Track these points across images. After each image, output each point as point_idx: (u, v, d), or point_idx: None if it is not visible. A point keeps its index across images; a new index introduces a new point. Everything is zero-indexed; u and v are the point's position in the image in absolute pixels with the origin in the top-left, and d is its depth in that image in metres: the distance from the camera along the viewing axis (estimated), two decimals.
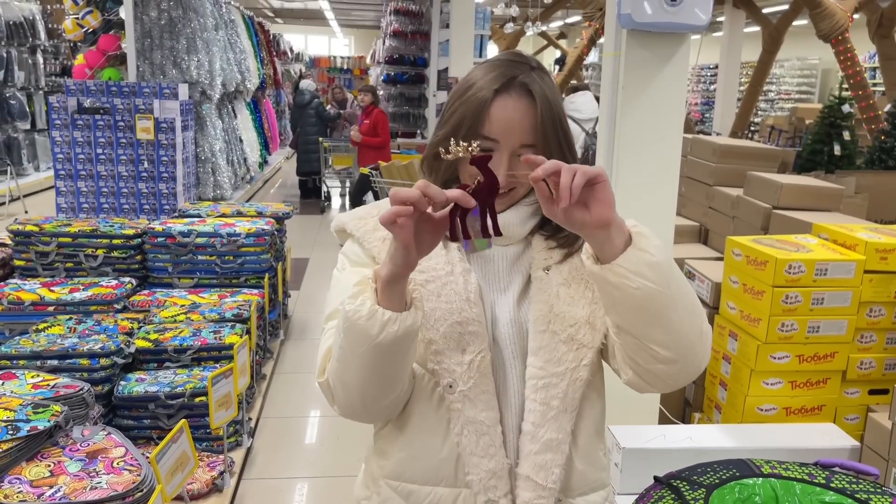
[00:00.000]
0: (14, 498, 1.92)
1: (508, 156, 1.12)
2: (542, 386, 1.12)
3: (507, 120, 1.11)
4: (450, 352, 1.11)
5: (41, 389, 2.43)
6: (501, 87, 1.11)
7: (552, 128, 1.12)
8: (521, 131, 1.11)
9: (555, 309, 1.14)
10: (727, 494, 2.02)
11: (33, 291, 3.65)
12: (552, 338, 1.13)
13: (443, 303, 1.12)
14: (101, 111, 6.32)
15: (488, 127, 1.11)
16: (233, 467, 2.92)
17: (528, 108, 1.11)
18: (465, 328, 1.11)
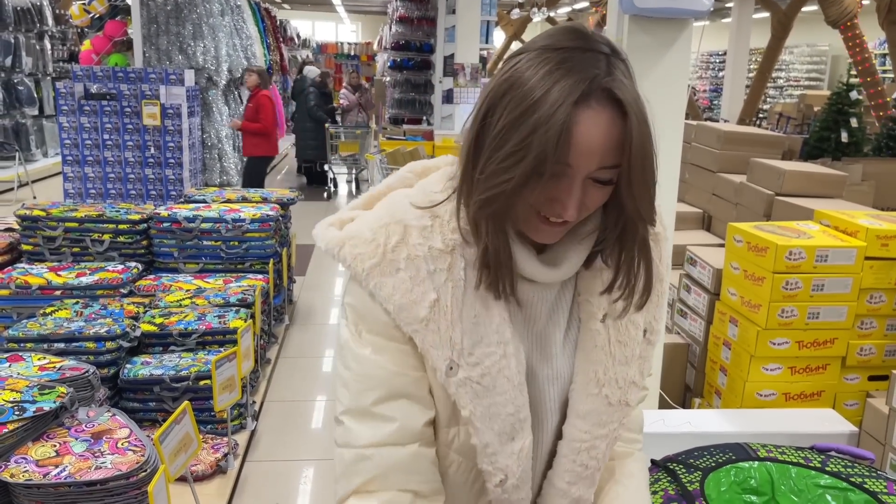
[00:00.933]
0: (20, 477, 1.96)
1: (581, 180, 0.88)
2: (585, 448, 1.02)
3: (588, 143, 0.85)
4: (503, 447, 0.96)
5: (47, 371, 2.47)
6: (582, 97, 0.83)
7: (641, 146, 0.86)
8: (602, 152, 0.86)
9: (609, 371, 1.01)
10: (723, 477, 2.04)
11: (40, 276, 3.68)
12: (603, 402, 1.01)
13: (497, 395, 0.95)
14: (107, 97, 6.34)
15: (569, 152, 0.85)
16: (237, 449, 2.96)
17: (614, 121, 0.85)
18: (517, 417, 0.97)
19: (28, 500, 1.99)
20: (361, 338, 0.95)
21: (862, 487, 1.90)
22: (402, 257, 0.92)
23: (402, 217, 0.94)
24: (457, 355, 0.92)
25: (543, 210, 0.89)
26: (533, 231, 0.92)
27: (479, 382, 0.93)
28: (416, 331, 0.92)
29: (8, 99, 9.67)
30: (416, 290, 0.92)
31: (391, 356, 0.94)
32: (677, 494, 1.90)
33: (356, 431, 0.94)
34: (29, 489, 1.96)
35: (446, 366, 0.92)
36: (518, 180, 0.84)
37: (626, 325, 1.01)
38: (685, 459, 2.08)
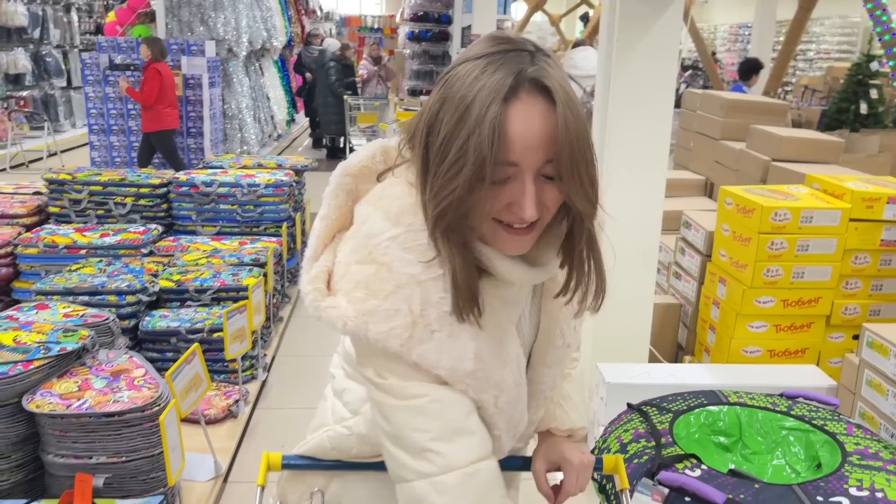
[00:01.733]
0: (45, 408, 2.15)
1: (531, 176, 0.87)
2: (549, 387, 1.11)
3: (527, 136, 0.85)
4: (508, 435, 1.05)
5: (71, 318, 2.66)
6: (510, 92, 0.84)
7: (577, 135, 0.85)
8: (543, 145, 0.86)
9: (570, 324, 1.09)
10: (693, 419, 2.18)
11: (67, 236, 3.88)
12: (564, 350, 1.09)
13: (517, 407, 1.04)
14: (131, 67, 6.53)
15: (508, 150, 0.85)
16: (247, 397, 3.15)
17: (548, 111, 0.86)
18: (523, 415, 1.07)
19: (52, 429, 2.18)
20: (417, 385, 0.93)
21: (823, 429, 2.02)
22: (433, 318, 0.91)
23: (411, 274, 0.91)
24: (498, 391, 0.97)
25: (504, 218, 0.90)
26: (502, 244, 0.92)
27: (510, 401, 1.00)
28: (468, 385, 0.94)
29: (37, 70, 9.92)
30: (456, 347, 0.92)
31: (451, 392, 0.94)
32: (646, 432, 2.04)
33: (454, 453, 0.92)
34: (53, 419, 2.15)
35: (493, 402, 0.97)
36: (462, 188, 0.85)
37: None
38: (659, 403, 2.21)
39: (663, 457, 1.88)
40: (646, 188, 2.83)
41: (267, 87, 8.78)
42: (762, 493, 1.71)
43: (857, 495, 1.68)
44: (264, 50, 8.78)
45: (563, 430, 1.16)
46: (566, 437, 1.17)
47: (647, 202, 2.85)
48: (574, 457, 1.12)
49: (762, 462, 2.07)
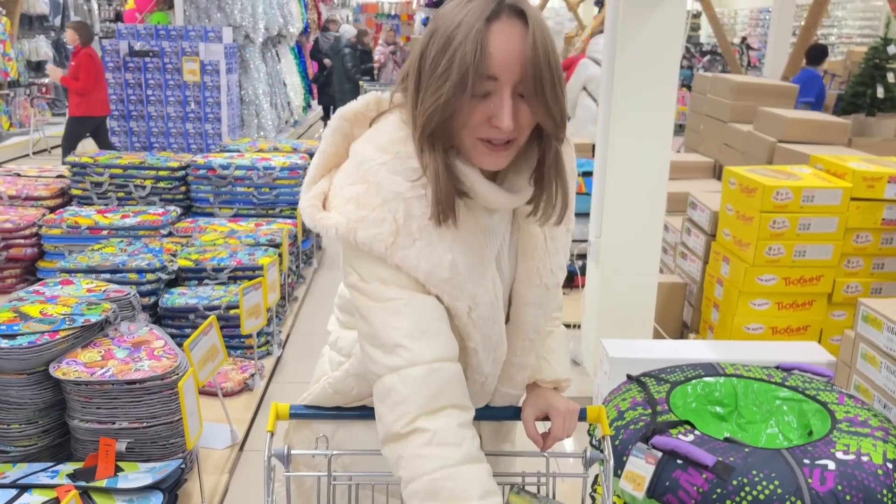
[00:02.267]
0: (71, 375, 2.26)
1: (510, 92, 0.98)
2: (532, 328, 1.18)
3: (506, 51, 0.96)
4: (487, 357, 1.14)
5: (94, 293, 2.77)
6: (492, 14, 0.97)
7: (545, 56, 0.97)
8: (519, 62, 0.97)
9: (545, 263, 1.15)
10: (689, 389, 2.25)
11: (89, 217, 4.01)
12: (543, 289, 1.17)
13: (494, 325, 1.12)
14: (150, 54, 6.64)
15: (489, 63, 0.96)
16: (263, 371, 3.26)
17: (522, 34, 0.98)
18: (501, 336, 1.15)
19: (77, 395, 2.29)
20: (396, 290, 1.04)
21: (815, 399, 2.08)
22: (414, 229, 1.02)
23: (398, 191, 1.02)
24: (472, 301, 1.07)
25: (484, 133, 1.00)
26: (482, 158, 1.02)
27: (484, 318, 1.09)
28: (443, 291, 1.05)
29: (58, 57, 10.08)
30: (434, 255, 1.03)
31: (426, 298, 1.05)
32: (643, 400, 2.11)
33: (420, 350, 1.02)
34: (78, 385, 2.27)
35: (466, 311, 1.07)
36: (447, 94, 0.96)
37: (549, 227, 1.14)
38: (658, 374, 2.28)
39: (658, 423, 1.95)
40: (651, 168, 2.88)
41: (283, 74, 8.88)
42: (751, 457, 1.78)
43: (843, 458, 1.75)
44: (281, 36, 8.87)
45: (548, 382, 1.24)
46: (552, 389, 1.25)
47: (652, 182, 2.91)
48: (560, 404, 1.20)
49: (756, 431, 2.14)
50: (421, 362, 1.02)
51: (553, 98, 0.99)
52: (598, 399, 2.82)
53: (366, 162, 1.05)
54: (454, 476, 0.98)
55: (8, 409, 2.32)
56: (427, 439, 0.99)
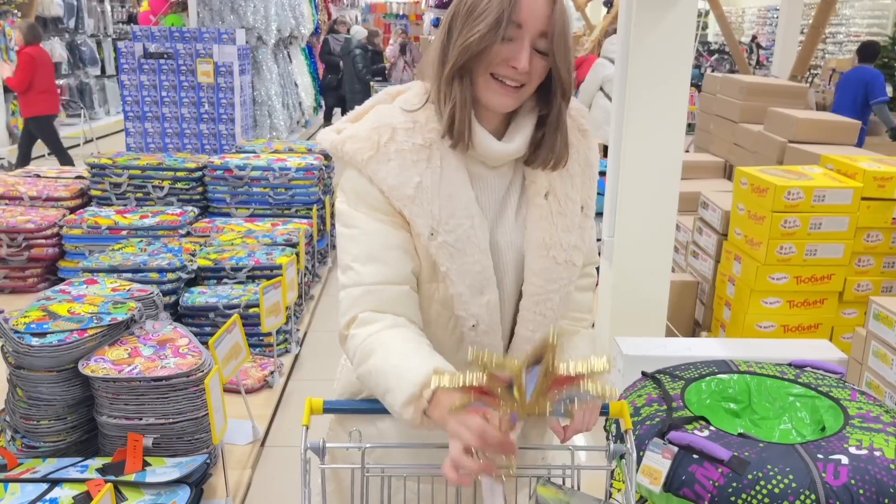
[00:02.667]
0: (100, 372, 2.33)
1: (529, 43, 1.16)
2: (541, 300, 1.26)
3: (533, 5, 1.14)
4: (473, 298, 1.22)
5: (118, 292, 2.83)
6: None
7: (563, 16, 1.17)
8: (542, 17, 1.15)
9: (554, 236, 1.25)
10: (704, 386, 2.29)
11: (109, 217, 4.08)
12: (551, 262, 1.25)
13: (467, 257, 1.20)
14: (164, 56, 6.72)
15: (518, 10, 1.14)
16: (282, 369, 3.32)
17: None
18: (484, 275, 1.22)
19: (106, 392, 2.36)
20: (360, 211, 1.21)
21: (828, 395, 2.12)
22: (392, 150, 1.19)
23: (390, 121, 1.21)
24: (436, 223, 1.18)
25: (500, 72, 1.16)
26: (492, 96, 1.18)
27: (454, 245, 1.19)
28: (404, 205, 1.18)
29: (72, 59, 10.19)
30: (403, 175, 1.19)
31: (387, 222, 1.20)
32: (659, 397, 2.16)
33: (364, 273, 1.19)
34: (107, 382, 2.33)
35: (428, 232, 1.19)
36: (482, 31, 1.14)
37: (565, 200, 1.27)
38: (672, 371, 2.33)
39: (674, 418, 2.00)
40: (663, 168, 2.92)
41: (295, 74, 8.94)
42: (766, 451, 1.82)
43: (856, 453, 1.79)
44: (292, 37, 8.93)
45: None
46: None
47: (664, 182, 2.95)
48: None
49: (769, 426, 2.18)
50: (363, 284, 1.20)
51: (564, 54, 1.17)
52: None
53: (382, 110, 1.25)
54: (384, 338, 1.16)
55: (38, 405, 2.39)
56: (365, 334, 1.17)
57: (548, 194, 1.26)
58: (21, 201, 4.34)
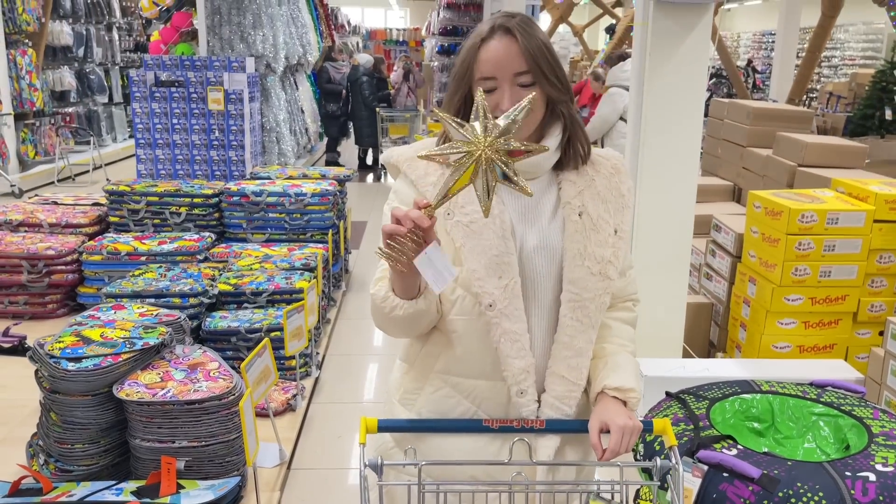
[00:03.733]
0: (134, 396, 2.37)
1: (508, 86, 1.34)
2: (578, 307, 1.36)
3: (495, 58, 1.33)
4: (489, 278, 1.33)
5: (147, 317, 2.88)
6: (487, 35, 1.36)
7: (538, 49, 1.33)
8: (509, 62, 1.33)
9: (588, 248, 1.37)
10: (728, 406, 2.34)
11: (128, 243, 4.14)
12: (586, 271, 1.36)
13: (484, 240, 1.34)
14: (175, 84, 6.81)
15: (482, 68, 1.34)
16: (304, 392, 3.36)
17: (511, 42, 1.34)
18: (501, 259, 1.34)
19: (140, 415, 2.40)
20: (398, 198, 1.42)
21: (850, 414, 2.17)
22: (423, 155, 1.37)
23: (425, 144, 1.47)
24: (452, 205, 1.35)
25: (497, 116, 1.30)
26: None
27: (468, 226, 1.35)
28: (427, 190, 1.37)
29: (81, 87, 10.30)
30: (430, 168, 1.39)
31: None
32: (685, 417, 2.20)
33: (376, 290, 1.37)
34: (141, 406, 2.37)
35: (445, 212, 1.35)
36: (453, 86, 1.40)
37: (598, 220, 1.41)
38: (696, 391, 2.37)
39: (702, 437, 2.04)
40: (678, 193, 3.00)
41: (301, 101, 9.05)
42: (794, 470, 1.87)
43: (883, 470, 1.84)
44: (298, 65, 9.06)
45: (612, 389, 1.37)
46: (618, 401, 1.35)
47: (679, 206, 3.02)
48: (620, 420, 1.31)
49: (794, 445, 2.23)
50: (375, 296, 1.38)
51: (551, 74, 1.34)
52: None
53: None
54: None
55: (72, 429, 2.43)
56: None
57: (581, 213, 1.40)
58: (41, 228, 4.39)
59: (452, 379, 1.42)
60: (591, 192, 1.42)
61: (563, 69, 1.39)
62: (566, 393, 1.39)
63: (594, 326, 1.40)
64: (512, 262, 1.34)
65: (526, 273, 1.37)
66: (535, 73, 1.34)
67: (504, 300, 1.34)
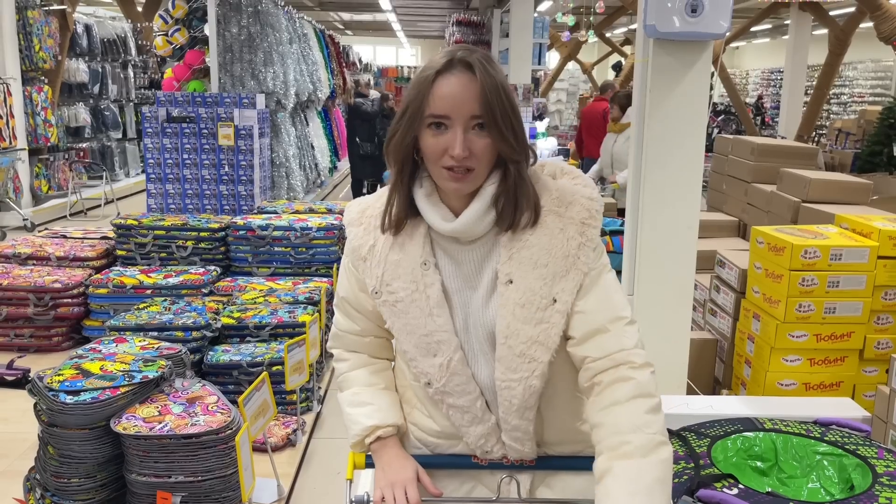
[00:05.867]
0: (131, 430, 2.36)
1: (462, 129, 1.20)
2: (505, 388, 1.28)
3: (451, 96, 1.19)
4: (422, 357, 1.29)
5: (148, 350, 2.89)
6: (443, 68, 1.20)
7: (496, 95, 1.19)
8: (467, 103, 1.19)
9: (511, 326, 1.25)
10: (730, 444, 2.31)
11: (134, 277, 4.17)
12: (509, 351, 1.26)
13: (410, 319, 1.29)
14: (187, 120, 6.92)
15: (436, 105, 1.19)
16: (304, 427, 3.33)
17: (470, 81, 1.19)
18: (432, 338, 1.28)
19: (136, 449, 2.39)
20: (345, 267, 1.40)
21: (855, 453, 2.13)
22: (365, 215, 1.36)
23: (380, 196, 1.37)
24: (378, 284, 1.32)
25: (444, 162, 1.21)
26: (446, 184, 1.24)
27: (395, 305, 1.31)
28: (357, 265, 1.35)
29: (95, 123, 10.48)
30: (364, 238, 1.34)
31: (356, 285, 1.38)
32: (685, 455, 2.17)
33: (338, 320, 1.46)
34: (138, 440, 2.36)
35: (372, 290, 1.33)
36: (403, 127, 1.23)
37: (528, 291, 1.25)
38: (697, 428, 2.34)
39: (702, 476, 2.01)
40: (680, 228, 2.99)
41: (311, 137, 9.16)
42: None
43: None
44: (309, 101, 9.18)
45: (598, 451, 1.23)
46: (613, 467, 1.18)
47: (681, 241, 3.01)
48: None
49: (798, 485, 2.19)
50: (337, 327, 1.47)
51: (506, 127, 1.21)
52: None
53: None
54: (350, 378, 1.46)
55: (69, 463, 2.42)
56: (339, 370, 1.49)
57: (511, 281, 1.26)
58: (48, 261, 4.43)
59: (421, 434, 1.43)
60: (524, 256, 1.26)
61: (520, 118, 1.25)
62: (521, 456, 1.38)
63: (526, 407, 1.30)
64: (446, 339, 1.28)
65: (467, 346, 1.31)
66: (488, 121, 1.20)
67: (441, 378, 1.30)
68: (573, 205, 1.28)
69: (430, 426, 1.40)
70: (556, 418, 1.36)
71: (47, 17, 8.80)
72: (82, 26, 10.01)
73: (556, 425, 1.37)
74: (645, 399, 1.23)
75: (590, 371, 1.27)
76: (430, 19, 17.71)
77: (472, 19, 10.79)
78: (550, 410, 1.35)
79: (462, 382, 1.30)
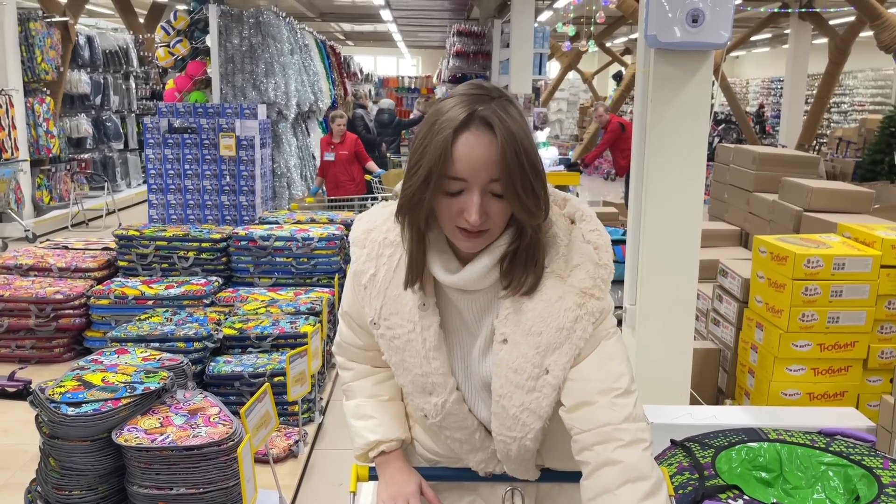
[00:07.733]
0: (133, 441, 2.35)
1: (479, 193, 1.12)
2: (500, 440, 1.29)
3: (471, 158, 1.10)
4: (418, 394, 1.30)
5: (150, 361, 2.88)
6: (461, 125, 1.11)
7: (515, 160, 1.10)
8: (486, 167, 1.11)
9: (505, 387, 1.24)
10: (734, 454, 2.30)
11: (135, 287, 4.16)
12: (503, 410, 1.25)
13: (407, 357, 1.27)
14: (188, 130, 6.93)
15: (454, 168, 1.11)
16: (306, 438, 3.32)
17: (490, 142, 1.10)
18: (427, 379, 1.27)
19: (138, 461, 2.38)
20: (350, 282, 1.35)
21: (860, 464, 2.12)
22: (369, 239, 1.30)
23: (389, 210, 1.29)
24: (377, 317, 1.29)
25: (459, 223, 1.15)
26: (459, 242, 1.19)
27: (392, 341, 1.29)
28: (358, 290, 1.31)
29: (97, 134, 10.50)
30: (366, 263, 1.29)
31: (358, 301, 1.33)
32: (690, 465, 2.16)
33: (343, 332, 1.43)
34: (139, 451, 2.35)
35: (371, 320, 1.30)
36: (416, 188, 1.13)
37: (521, 358, 1.22)
38: (701, 439, 2.33)
39: (706, 487, 2.00)
40: (682, 237, 2.99)
41: (312, 147, 9.17)
42: None
43: None
44: (310, 111, 9.19)
45: None
46: None
47: (684, 251, 3.01)
48: None
49: (803, 496, 2.17)
50: (342, 337, 1.44)
51: (526, 192, 1.13)
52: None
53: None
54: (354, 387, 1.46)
55: (71, 475, 2.41)
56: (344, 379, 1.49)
57: (506, 341, 1.23)
58: (50, 272, 4.43)
59: (425, 453, 1.44)
60: (520, 321, 1.21)
61: (542, 176, 1.15)
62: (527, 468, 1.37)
63: (524, 459, 1.32)
64: (441, 381, 1.28)
65: (466, 386, 1.31)
66: (507, 187, 1.12)
67: (436, 415, 1.30)
68: (578, 269, 1.21)
69: (431, 446, 1.42)
70: (557, 449, 1.37)
71: (49, 29, 8.84)
72: (84, 38, 10.05)
73: (558, 452, 1.37)
74: (637, 483, 1.17)
75: (577, 444, 1.23)
76: (431, 30, 17.80)
77: (473, 29, 10.83)
78: (551, 442, 1.35)
79: (459, 419, 1.31)
